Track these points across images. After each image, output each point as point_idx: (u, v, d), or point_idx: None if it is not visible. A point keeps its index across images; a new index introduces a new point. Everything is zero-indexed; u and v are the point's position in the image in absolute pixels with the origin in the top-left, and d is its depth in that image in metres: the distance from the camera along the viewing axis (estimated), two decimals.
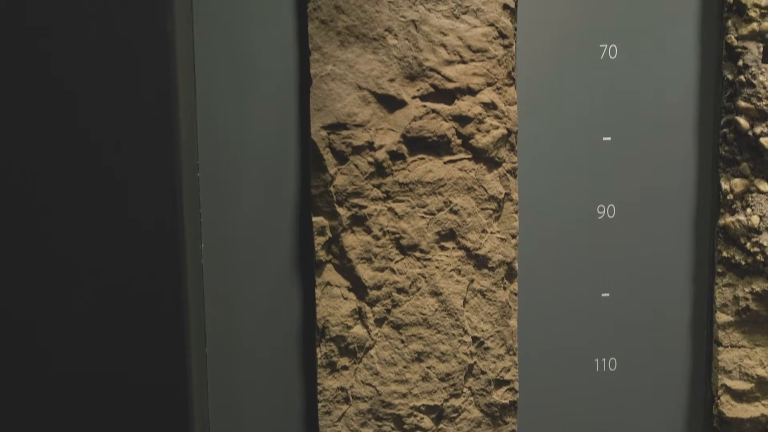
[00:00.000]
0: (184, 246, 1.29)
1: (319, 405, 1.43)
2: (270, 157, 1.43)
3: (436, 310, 1.41)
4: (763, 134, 1.43)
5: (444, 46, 1.37)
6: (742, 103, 1.43)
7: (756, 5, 1.41)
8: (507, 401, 1.45)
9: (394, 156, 1.38)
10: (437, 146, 1.39)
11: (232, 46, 1.40)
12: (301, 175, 1.43)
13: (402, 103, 1.38)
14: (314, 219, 1.40)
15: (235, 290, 1.44)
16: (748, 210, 1.45)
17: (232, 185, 1.42)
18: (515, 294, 1.45)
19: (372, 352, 1.42)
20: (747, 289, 1.47)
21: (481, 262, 1.42)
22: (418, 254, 1.41)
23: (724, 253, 1.48)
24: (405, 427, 1.43)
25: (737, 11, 1.43)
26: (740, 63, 1.43)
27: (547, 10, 1.46)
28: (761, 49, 1.42)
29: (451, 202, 1.40)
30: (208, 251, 1.43)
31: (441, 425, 1.43)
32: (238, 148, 1.42)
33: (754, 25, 1.42)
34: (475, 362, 1.43)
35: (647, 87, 1.50)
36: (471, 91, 1.38)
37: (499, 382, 1.45)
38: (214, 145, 1.41)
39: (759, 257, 1.45)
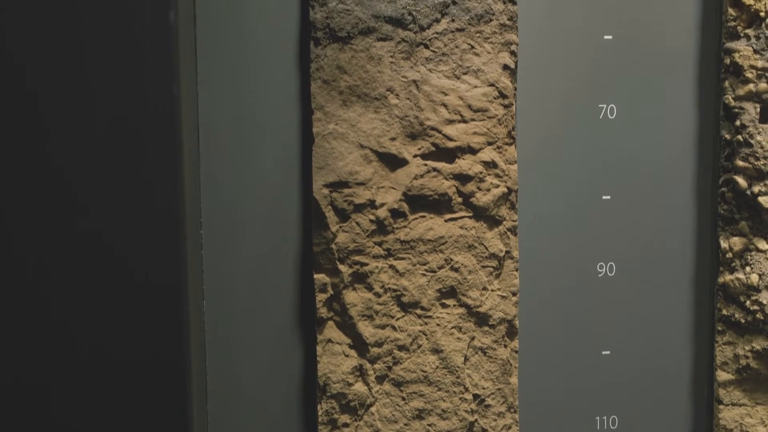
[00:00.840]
0: (186, 303, 1.29)
1: None
2: (272, 214, 1.44)
3: (437, 367, 1.41)
4: (761, 193, 1.44)
5: (445, 105, 1.39)
6: (740, 163, 1.44)
7: (752, 66, 1.43)
8: None
9: (396, 214, 1.39)
10: (438, 204, 1.40)
11: (236, 105, 1.42)
12: (303, 233, 1.44)
13: (403, 162, 1.39)
14: (316, 276, 1.40)
15: (236, 347, 1.45)
16: (747, 268, 1.46)
17: (234, 243, 1.43)
18: (516, 351, 1.45)
19: (373, 409, 1.42)
20: (747, 348, 1.48)
21: (481, 319, 1.42)
22: (419, 311, 1.41)
23: (724, 311, 1.48)
24: None
25: (734, 72, 1.45)
26: (738, 123, 1.44)
27: (546, 70, 1.48)
28: (758, 109, 1.44)
29: (451, 259, 1.40)
30: (210, 308, 1.43)
31: None
32: (240, 205, 1.43)
33: (751, 86, 1.44)
34: (476, 420, 1.43)
35: (646, 146, 1.51)
36: (472, 150, 1.40)
37: None
38: (216, 202, 1.42)
39: (759, 315, 1.46)
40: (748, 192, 1.45)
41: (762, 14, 1.42)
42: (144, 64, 1.24)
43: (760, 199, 1.44)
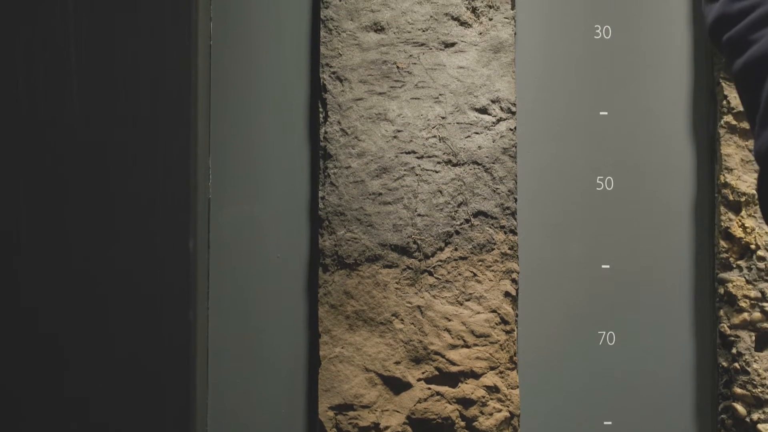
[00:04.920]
0: None
1: None
2: None
3: None
4: (760, 420, 1.46)
5: (448, 330, 1.43)
6: (738, 390, 1.47)
7: (746, 296, 1.48)
8: None
9: None
10: (441, 428, 1.42)
11: (244, 330, 1.46)
12: None
13: (407, 386, 1.42)
14: None
15: None
16: None
17: None
18: None
19: None
20: None
21: None
22: None
23: None
24: None
25: (728, 301, 1.49)
26: (734, 351, 1.48)
27: (546, 297, 1.53)
28: (753, 337, 1.47)
29: None
30: None
31: None
32: (246, 427, 1.45)
33: (746, 315, 1.48)
34: None
35: (645, 372, 1.53)
36: (474, 375, 1.43)
37: None
38: (223, 423, 1.44)
39: None
40: (748, 419, 1.46)
41: (753, 246, 1.48)
42: (162, 288, 1.30)
43: (760, 426, 1.46)
